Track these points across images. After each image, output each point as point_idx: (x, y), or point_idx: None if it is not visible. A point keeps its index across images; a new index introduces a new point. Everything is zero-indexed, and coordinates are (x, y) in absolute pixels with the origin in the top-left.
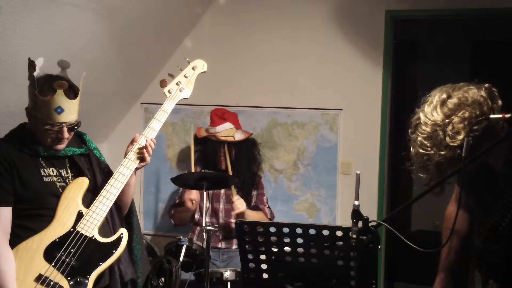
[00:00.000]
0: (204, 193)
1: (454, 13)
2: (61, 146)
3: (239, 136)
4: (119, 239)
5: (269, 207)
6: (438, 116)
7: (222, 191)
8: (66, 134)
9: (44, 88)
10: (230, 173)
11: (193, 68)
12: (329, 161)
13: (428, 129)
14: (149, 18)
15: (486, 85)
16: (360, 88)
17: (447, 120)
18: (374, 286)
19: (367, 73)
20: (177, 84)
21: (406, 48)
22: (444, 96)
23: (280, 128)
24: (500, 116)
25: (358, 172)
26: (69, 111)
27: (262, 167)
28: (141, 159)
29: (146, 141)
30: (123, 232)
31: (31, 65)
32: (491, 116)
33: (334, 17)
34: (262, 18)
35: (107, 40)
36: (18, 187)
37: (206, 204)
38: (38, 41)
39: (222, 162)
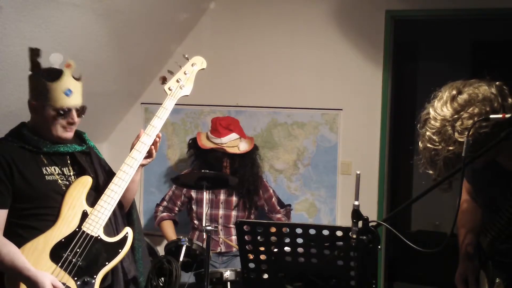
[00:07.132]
0: (204, 193)
1: (454, 13)
2: (70, 135)
3: (243, 146)
4: (125, 238)
5: (284, 209)
6: (447, 111)
7: (222, 197)
8: (76, 119)
9: (51, 73)
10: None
11: (192, 65)
12: (329, 161)
13: (437, 124)
14: (149, 18)
15: (497, 83)
16: (360, 88)
17: (456, 116)
18: (374, 286)
19: (367, 73)
20: (177, 81)
21: (406, 48)
22: (455, 92)
23: (280, 128)
24: (500, 116)
25: (358, 172)
26: (77, 94)
27: (262, 168)
28: (149, 155)
29: (157, 135)
30: (128, 231)
31: (35, 53)
32: (491, 116)
33: (334, 17)
34: (262, 18)
35: (107, 40)
36: (19, 186)
37: (205, 205)
38: (38, 41)
39: (227, 172)
